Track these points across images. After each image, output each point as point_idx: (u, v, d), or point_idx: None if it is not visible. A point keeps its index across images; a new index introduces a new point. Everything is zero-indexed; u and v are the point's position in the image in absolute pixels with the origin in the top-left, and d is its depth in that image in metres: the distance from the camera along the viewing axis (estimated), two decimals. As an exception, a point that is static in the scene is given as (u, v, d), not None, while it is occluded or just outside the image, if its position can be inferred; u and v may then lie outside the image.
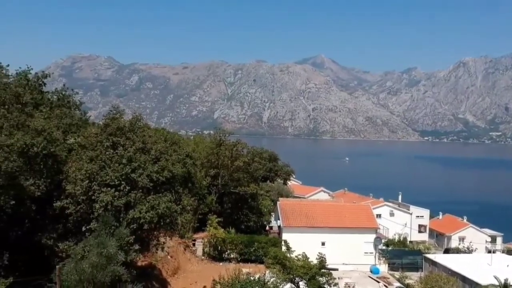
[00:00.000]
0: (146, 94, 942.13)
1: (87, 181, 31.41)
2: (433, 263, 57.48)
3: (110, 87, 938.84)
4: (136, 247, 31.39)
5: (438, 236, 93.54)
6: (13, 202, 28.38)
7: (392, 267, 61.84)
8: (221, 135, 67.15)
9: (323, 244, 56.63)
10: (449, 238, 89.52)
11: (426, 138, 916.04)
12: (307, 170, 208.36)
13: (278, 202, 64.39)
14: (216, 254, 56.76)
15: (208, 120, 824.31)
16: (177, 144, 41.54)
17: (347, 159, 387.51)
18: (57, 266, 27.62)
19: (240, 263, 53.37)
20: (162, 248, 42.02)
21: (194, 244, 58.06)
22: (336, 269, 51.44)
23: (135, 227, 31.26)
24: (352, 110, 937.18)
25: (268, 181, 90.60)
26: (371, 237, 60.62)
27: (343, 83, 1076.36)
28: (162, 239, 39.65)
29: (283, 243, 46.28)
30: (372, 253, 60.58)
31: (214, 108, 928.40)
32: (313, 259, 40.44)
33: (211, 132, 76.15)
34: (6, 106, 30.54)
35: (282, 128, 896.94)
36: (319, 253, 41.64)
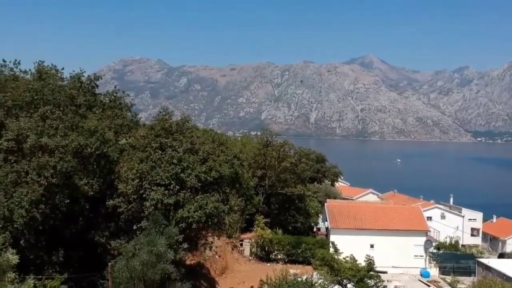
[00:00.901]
0: (194, 96, 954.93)
1: (138, 180, 32.19)
2: (487, 268, 55.54)
3: (160, 89, 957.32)
4: (185, 246, 31.88)
5: (492, 240, 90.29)
6: (68, 201, 29.38)
7: (443, 271, 60.22)
8: (268, 136, 67.30)
9: (371, 246, 55.88)
10: (504, 242, 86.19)
11: (479, 139, 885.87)
12: (355, 172, 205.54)
13: (325, 204, 63.93)
14: (263, 255, 56.92)
15: (255, 121, 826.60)
16: (224, 145, 41.88)
17: (399, 160, 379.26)
18: (109, 264, 28.38)
19: (287, 264, 53.32)
20: (210, 248, 42.50)
21: (241, 244, 58.44)
22: (385, 272, 50.55)
23: (183, 226, 31.75)
24: (402, 110, 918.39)
25: (316, 182, 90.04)
26: (421, 240, 59.25)
27: (392, 83, 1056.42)
28: (210, 239, 40.13)
29: (330, 244, 45.87)
30: (422, 256, 59.21)
31: (261, 109, 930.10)
32: (361, 262, 39.90)
33: (258, 133, 76.39)
34: (61, 108, 31.62)
35: (329, 129, 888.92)
36: (367, 255, 41.03)
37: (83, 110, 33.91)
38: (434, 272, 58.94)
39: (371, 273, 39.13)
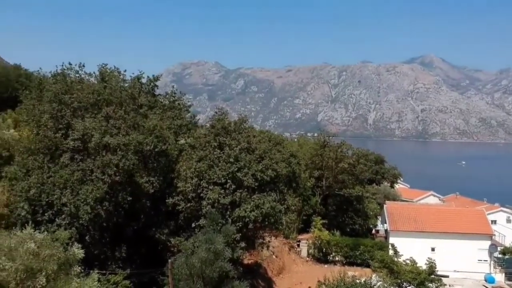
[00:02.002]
0: (251, 98, 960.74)
1: (196, 179, 32.77)
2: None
3: (217, 91, 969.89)
4: (242, 244, 32.15)
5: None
6: (130, 198, 30.32)
7: (509, 277, 57.56)
8: (325, 136, 66.85)
9: (432, 249, 54.25)
10: None
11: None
12: (415, 173, 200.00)
13: (385, 206, 62.70)
14: (320, 256, 56.52)
15: (311, 123, 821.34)
16: (280, 145, 41.92)
17: (464, 162, 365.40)
18: (169, 260, 29.02)
19: (345, 266, 52.70)
20: (267, 247, 42.64)
21: (298, 245, 58.28)
22: (446, 276, 48.91)
23: (240, 225, 32.01)
24: (464, 111, 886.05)
25: (374, 183, 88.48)
26: (486, 244, 56.92)
27: (454, 82, 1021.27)
28: (267, 239, 40.25)
29: (390, 247, 44.90)
30: (486, 261, 56.87)
31: (318, 111, 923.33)
32: (422, 265, 38.79)
33: (315, 134, 75.95)
34: (123, 108, 32.64)
35: (388, 130, 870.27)
36: (428, 258, 39.86)
37: (144, 110, 34.87)
38: (499, 277, 56.45)
39: (432, 276, 37.98)
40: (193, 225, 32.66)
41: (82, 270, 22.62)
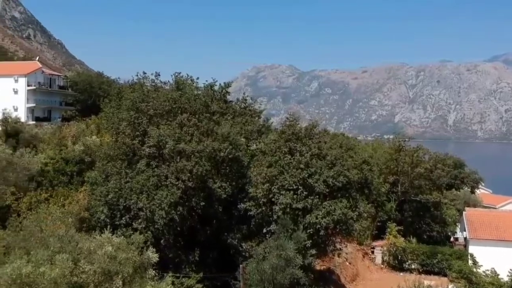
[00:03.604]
0: (325, 100, 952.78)
1: (267, 185, 32.98)
2: None
3: (291, 94, 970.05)
4: (313, 251, 31.97)
5: None
6: (203, 203, 31.04)
7: None
8: (400, 140, 65.06)
9: (517, 260, 51.13)
10: None
11: None
12: (499, 178, 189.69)
13: (464, 212, 59.90)
14: (395, 264, 54.97)
15: (388, 124, 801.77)
16: (353, 150, 41.27)
17: None
18: (240, 265, 29.44)
19: (422, 274, 50.90)
20: (339, 254, 42.09)
21: (373, 252, 57.04)
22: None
23: (311, 231, 31.85)
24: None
25: (453, 189, 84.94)
26: None
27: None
28: (339, 245, 39.74)
29: (469, 256, 42.96)
30: None
31: (395, 112, 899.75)
32: (504, 276, 36.76)
33: (390, 137, 74.06)
34: (197, 116, 33.53)
35: (470, 132, 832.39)
36: (511, 269, 37.72)
37: (217, 117, 35.61)
38: None
39: (516, 289, 35.92)
40: (264, 230, 32.90)
41: (157, 274, 23.39)
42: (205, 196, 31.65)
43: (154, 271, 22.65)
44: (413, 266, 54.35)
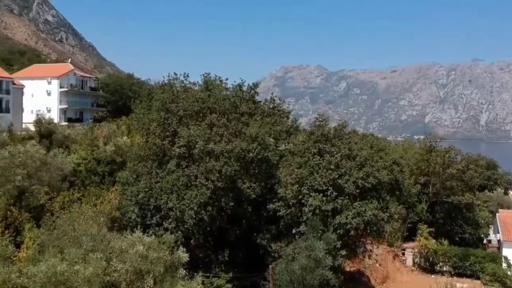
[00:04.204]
0: (354, 100, 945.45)
1: (297, 186, 32.85)
2: None
3: (319, 94, 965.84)
4: (343, 252, 31.71)
5: None
6: (232, 203, 31.13)
7: None
8: (431, 141, 64.11)
9: (553, 264, 49.75)
10: None
11: None
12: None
13: (497, 214, 58.63)
14: (427, 266, 54.13)
15: (418, 125, 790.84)
16: (383, 151, 40.78)
17: None
18: (270, 266, 29.41)
19: (454, 277, 50.02)
20: (369, 256, 41.69)
21: (403, 254, 56.30)
22: None
23: (341, 232, 31.59)
24: None
25: (486, 190, 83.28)
26: None
27: None
28: (369, 246, 39.36)
29: (503, 259, 41.99)
30: None
31: (425, 112, 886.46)
32: (540, 280, 35.86)
33: (421, 137, 73.01)
34: (226, 116, 33.65)
35: (503, 132, 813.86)
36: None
37: (246, 118, 35.67)
38: None
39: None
40: (293, 231, 32.76)
41: (187, 273, 23.58)
42: (234, 196, 31.72)
43: (184, 271, 22.86)
44: (444, 268, 53.42)
